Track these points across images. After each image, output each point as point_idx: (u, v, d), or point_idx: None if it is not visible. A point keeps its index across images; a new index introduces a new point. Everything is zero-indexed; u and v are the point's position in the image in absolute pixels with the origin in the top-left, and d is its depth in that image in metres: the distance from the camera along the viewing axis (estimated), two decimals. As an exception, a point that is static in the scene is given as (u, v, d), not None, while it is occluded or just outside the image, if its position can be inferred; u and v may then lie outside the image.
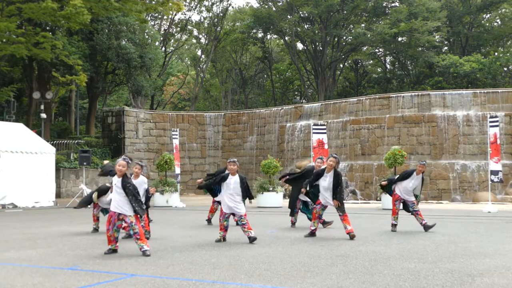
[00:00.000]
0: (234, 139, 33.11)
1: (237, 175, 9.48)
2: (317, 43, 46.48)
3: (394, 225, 11.29)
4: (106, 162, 11.99)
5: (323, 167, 10.35)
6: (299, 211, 12.20)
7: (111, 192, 8.98)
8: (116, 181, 8.21)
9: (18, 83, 37.03)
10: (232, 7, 52.45)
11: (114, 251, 8.36)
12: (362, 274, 6.58)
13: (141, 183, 9.72)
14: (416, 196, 11.19)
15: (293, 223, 12.27)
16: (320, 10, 42.14)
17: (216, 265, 7.28)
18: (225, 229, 9.58)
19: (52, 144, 24.98)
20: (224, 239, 9.62)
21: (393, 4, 46.08)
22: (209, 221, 13.07)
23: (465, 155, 24.53)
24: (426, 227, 10.99)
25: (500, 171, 18.00)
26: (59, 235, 11.07)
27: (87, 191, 20.87)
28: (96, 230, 11.49)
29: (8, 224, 13.62)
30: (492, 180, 18.06)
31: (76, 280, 6.41)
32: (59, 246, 9.39)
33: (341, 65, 50.82)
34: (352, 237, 9.80)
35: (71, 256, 8.23)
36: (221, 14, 46.17)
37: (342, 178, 10.33)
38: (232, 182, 9.38)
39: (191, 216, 16.00)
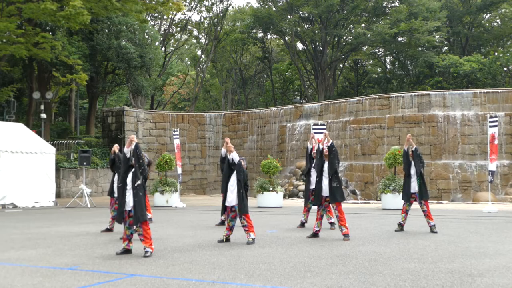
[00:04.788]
0: (234, 139, 33.09)
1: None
2: (317, 43, 46.47)
3: (399, 224, 11.27)
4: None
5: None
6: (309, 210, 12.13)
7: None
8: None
9: (18, 83, 37.01)
10: (232, 7, 52.45)
11: (127, 251, 8.32)
12: (362, 274, 6.58)
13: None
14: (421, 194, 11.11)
15: (302, 223, 12.20)
16: (320, 10, 42.12)
17: (216, 265, 7.28)
18: (230, 229, 9.58)
19: (52, 144, 24.98)
20: (228, 240, 9.60)
21: (393, 4, 46.04)
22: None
23: (465, 155, 24.52)
24: (432, 229, 10.99)
25: (493, 171, 18.06)
26: (59, 235, 11.08)
27: (87, 191, 20.86)
28: (108, 230, 11.46)
29: (8, 224, 13.62)
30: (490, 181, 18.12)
31: (76, 280, 6.41)
32: (59, 246, 9.39)
33: (341, 65, 50.80)
34: (345, 239, 9.82)
35: (71, 256, 8.23)
36: (221, 14, 46.16)
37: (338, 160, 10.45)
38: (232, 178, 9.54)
39: (191, 216, 16.00)
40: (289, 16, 44.94)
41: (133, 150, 8.27)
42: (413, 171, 11.12)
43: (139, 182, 8.21)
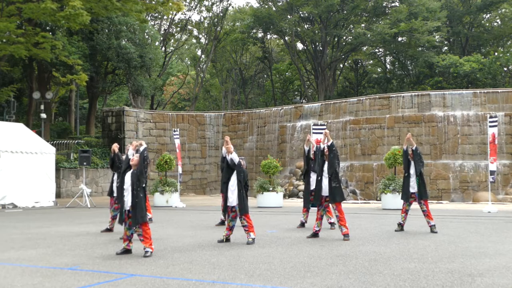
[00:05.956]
0: (234, 139, 33.08)
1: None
2: (317, 43, 46.46)
3: (399, 224, 11.28)
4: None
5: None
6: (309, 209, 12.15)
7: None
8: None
9: (18, 83, 37.01)
10: (232, 7, 52.43)
11: (127, 251, 8.33)
12: (362, 274, 6.58)
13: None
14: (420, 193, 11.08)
15: (302, 223, 12.21)
16: (320, 10, 42.12)
17: (216, 265, 7.28)
18: (230, 229, 9.59)
19: (52, 144, 24.97)
20: (228, 240, 9.60)
21: (393, 4, 46.03)
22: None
23: (465, 155, 24.52)
24: (432, 229, 10.98)
25: (494, 171, 18.02)
26: (59, 235, 11.08)
27: (87, 191, 20.86)
28: (108, 230, 11.47)
29: (8, 224, 13.62)
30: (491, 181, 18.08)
31: (76, 280, 6.41)
32: (59, 246, 9.39)
33: (341, 65, 50.79)
34: (345, 239, 9.81)
35: (71, 256, 8.23)
36: (221, 14, 46.16)
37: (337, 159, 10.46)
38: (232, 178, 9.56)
39: (191, 216, 16.00)
40: (289, 16, 44.93)
41: (141, 152, 8.32)
42: (412, 170, 11.12)
43: (143, 185, 8.25)
